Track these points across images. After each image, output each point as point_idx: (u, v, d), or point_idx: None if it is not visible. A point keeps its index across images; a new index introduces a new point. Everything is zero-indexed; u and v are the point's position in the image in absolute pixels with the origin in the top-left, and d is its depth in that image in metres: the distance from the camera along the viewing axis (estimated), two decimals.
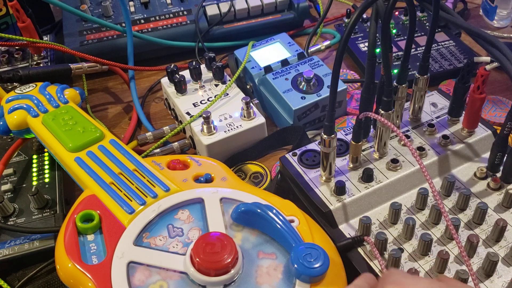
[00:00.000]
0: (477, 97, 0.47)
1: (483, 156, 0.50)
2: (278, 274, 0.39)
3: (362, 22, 0.79)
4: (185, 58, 0.78)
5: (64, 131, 0.53)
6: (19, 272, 0.49)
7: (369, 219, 0.43)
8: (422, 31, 0.75)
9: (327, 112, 0.42)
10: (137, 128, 0.67)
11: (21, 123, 0.56)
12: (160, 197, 0.45)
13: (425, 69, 0.48)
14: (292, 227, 0.41)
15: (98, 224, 0.43)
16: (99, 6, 0.78)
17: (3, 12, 0.76)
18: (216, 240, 0.39)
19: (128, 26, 0.72)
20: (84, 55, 0.69)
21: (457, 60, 0.69)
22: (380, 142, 0.48)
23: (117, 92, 0.74)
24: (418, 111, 0.52)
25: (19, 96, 0.59)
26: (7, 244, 0.49)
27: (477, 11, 0.84)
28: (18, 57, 0.73)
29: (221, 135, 0.57)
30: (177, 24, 0.77)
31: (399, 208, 0.44)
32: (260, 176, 0.58)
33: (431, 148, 0.49)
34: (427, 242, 0.42)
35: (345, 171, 0.48)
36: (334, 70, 0.39)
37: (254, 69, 0.65)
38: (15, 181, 0.55)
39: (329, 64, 0.70)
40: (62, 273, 0.40)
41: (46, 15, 0.86)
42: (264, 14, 0.79)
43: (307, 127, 0.62)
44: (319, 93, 0.61)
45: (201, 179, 0.48)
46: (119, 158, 0.49)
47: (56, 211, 0.52)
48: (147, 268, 0.40)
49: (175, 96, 0.63)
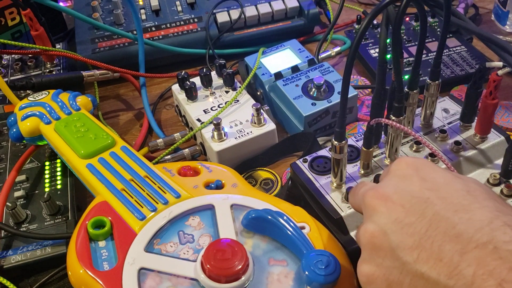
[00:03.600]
0: (490, 102, 0.47)
1: (496, 162, 0.49)
2: (289, 281, 0.39)
3: (373, 28, 0.79)
4: (195, 65, 0.78)
5: (76, 138, 0.53)
6: (31, 278, 0.49)
7: None
8: (433, 37, 0.75)
9: (338, 118, 0.41)
10: (148, 135, 0.68)
11: (34, 130, 0.57)
12: (171, 203, 0.45)
13: (437, 74, 0.48)
14: (303, 234, 0.41)
15: (110, 230, 0.43)
16: (110, 14, 0.79)
17: (17, 20, 0.77)
18: (226, 246, 0.39)
19: (140, 33, 0.72)
20: (96, 62, 0.69)
21: (469, 66, 0.69)
22: (392, 148, 0.48)
23: (129, 99, 0.74)
24: (430, 117, 0.52)
25: (32, 104, 0.60)
26: (19, 250, 0.49)
27: (488, 16, 0.83)
28: (31, 65, 0.73)
29: (232, 141, 0.57)
30: (188, 31, 0.77)
31: None
32: (270, 183, 0.58)
33: (443, 155, 0.49)
34: None
35: (356, 177, 0.48)
36: (344, 76, 0.39)
37: (264, 75, 0.65)
38: (28, 188, 0.56)
39: (340, 70, 0.70)
40: (73, 279, 0.41)
41: (58, 23, 0.87)
42: (274, 21, 0.79)
43: (318, 134, 0.62)
44: (329, 99, 0.60)
45: (211, 185, 0.48)
46: (131, 165, 0.50)
47: (68, 217, 0.52)
48: (158, 275, 0.40)
49: (185, 103, 0.63)
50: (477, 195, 0.31)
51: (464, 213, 0.29)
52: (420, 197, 0.32)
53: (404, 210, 0.32)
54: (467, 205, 0.30)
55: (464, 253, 0.27)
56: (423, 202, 0.31)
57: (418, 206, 0.31)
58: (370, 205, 0.34)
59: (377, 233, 0.32)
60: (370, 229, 0.33)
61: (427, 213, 0.30)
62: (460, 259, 0.27)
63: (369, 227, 0.33)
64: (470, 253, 0.27)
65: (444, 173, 0.34)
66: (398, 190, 0.33)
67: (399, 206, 0.32)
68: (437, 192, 0.32)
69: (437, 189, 0.32)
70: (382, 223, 0.32)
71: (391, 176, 0.35)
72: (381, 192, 0.34)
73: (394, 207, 0.32)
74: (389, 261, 0.31)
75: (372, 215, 0.34)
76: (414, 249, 0.29)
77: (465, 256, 0.27)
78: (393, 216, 0.32)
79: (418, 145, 0.50)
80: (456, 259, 0.27)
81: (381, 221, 0.32)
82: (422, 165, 0.35)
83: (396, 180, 0.34)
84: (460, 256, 0.27)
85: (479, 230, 0.28)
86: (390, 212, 0.32)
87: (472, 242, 0.27)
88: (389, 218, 0.32)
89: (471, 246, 0.27)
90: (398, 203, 0.32)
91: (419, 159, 0.36)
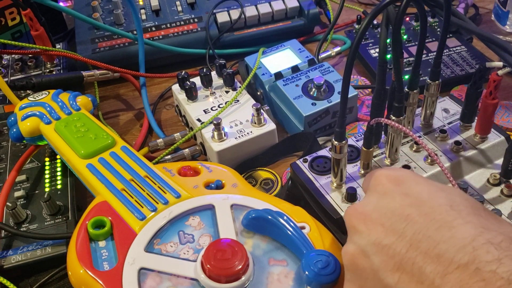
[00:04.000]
0: (490, 102, 0.47)
1: (496, 162, 0.49)
2: (289, 281, 0.39)
3: (373, 28, 0.79)
4: (196, 65, 0.78)
5: (76, 138, 0.53)
6: (31, 278, 0.49)
7: None
8: (433, 37, 0.75)
9: (338, 118, 0.41)
10: (148, 135, 0.68)
11: (34, 130, 0.57)
12: (171, 203, 0.45)
13: (437, 74, 0.48)
14: (303, 234, 0.41)
15: (110, 230, 0.43)
16: (111, 14, 0.79)
17: (17, 20, 0.77)
18: (227, 246, 0.39)
19: (140, 33, 0.72)
20: (96, 62, 0.69)
21: (469, 66, 0.69)
22: (392, 148, 0.48)
23: (129, 99, 0.74)
24: (430, 117, 0.52)
25: (32, 104, 0.60)
26: (19, 250, 0.49)
27: (488, 16, 0.83)
28: (31, 65, 0.73)
29: (232, 141, 0.57)
30: (188, 31, 0.77)
31: None
32: (270, 183, 0.58)
33: (443, 154, 0.49)
34: None
35: (356, 177, 0.48)
36: (344, 76, 0.39)
37: (264, 75, 0.65)
38: (28, 188, 0.56)
39: (340, 70, 0.70)
40: (73, 279, 0.41)
41: (58, 23, 0.87)
42: (275, 21, 0.79)
43: (318, 133, 0.62)
44: (329, 99, 0.60)
45: (211, 185, 0.48)
46: (131, 165, 0.50)
47: (68, 217, 0.52)
48: (158, 275, 0.40)
49: (186, 103, 0.63)
50: (461, 210, 0.29)
51: (446, 231, 0.28)
52: (400, 215, 0.30)
53: (384, 230, 0.30)
54: (450, 221, 0.28)
55: (445, 275, 0.26)
56: (404, 220, 0.30)
57: (398, 225, 0.30)
58: (350, 225, 0.33)
59: (358, 254, 0.31)
60: (351, 250, 0.32)
61: (407, 232, 0.29)
62: (441, 282, 0.26)
63: (350, 248, 0.32)
64: (452, 275, 0.26)
65: (428, 185, 0.32)
66: (378, 208, 0.32)
67: (379, 225, 0.31)
68: (419, 208, 0.30)
69: (419, 204, 0.30)
70: (363, 244, 0.31)
71: (371, 192, 0.34)
72: (360, 211, 0.33)
73: (374, 226, 0.31)
74: (371, 283, 0.30)
75: (352, 235, 0.32)
76: (395, 271, 0.29)
77: (447, 279, 0.26)
78: (373, 236, 0.31)
79: (418, 145, 0.50)
80: (437, 282, 0.26)
81: (361, 241, 0.31)
82: (404, 178, 0.33)
83: (376, 196, 0.33)
84: (441, 279, 0.26)
85: (461, 249, 0.27)
86: (369, 231, 0.31)
87: (453, 263, 0.26)
88: (368, 239, 0.31)
89: (452, 267, 0.26)
90: (378, 222, 0.31)
91: (401, 171, 0.34)
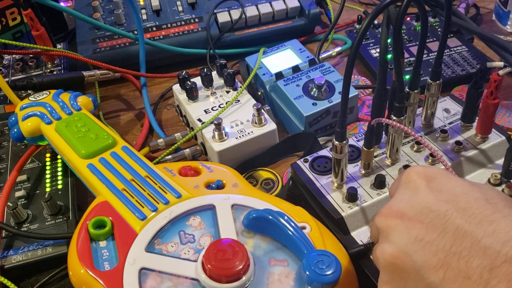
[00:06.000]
0: (491, 102, 0.47)
1: (497, 162, 0.49)
2: (289, 281, 0.39)
3: (374, 28, 0.79)
4: (196, 65, 0.78)
5: (77, 138, 0.53)
6: (32, 278, 0.49)
7: None
8: (434, 37, 0.75)
9: (338, 118, 0.41)
10: (149, 135, 0.68)
11: (34, 130, 0.57)
12: (171, 203, 0.45)
13: (438, 74, 0.48)
14: (304, 234, 0.41)
15: (111, 230, 0.43)
16: (111, 14, 0.79)
17: (18, 20, 0.77)
18: (227, 246, 0.39)
19: (140, 33, 0.72)
20: (97, 62, 0.69)
21: (470, 66, 0.69)
22: (392, 148, 0.48)
23: (129, 99, 0.74)
24: (431, 117, 0.52)
25: (33, 104, 0.60)
26: (20, 250, 0.49)
27: (489, 16, 0.83)
28: (32, 65, 0.73)
29: (233, 141, 0.57)
30: (189, 31, 0.77)
31: None
32: (271, 183, 0.58)
33: (444, 155, 0.49)
34: None
35: (357, 177, 0.48)
36: (345, 76, 0.39)
37: (265, 75, 0.65)
38: (29, 188, 0.56)
39: (341, 70, 0.70)
40: (74, 279, 0.41)
41: (59, 23, 0.87)
42: (275, 21, 0.79)
43: (319, 134, 0.62)
44: (330, 99, 0.60)
45: (212, 185, 0.48)
46: (131, 165, 0.50)
47: (69, 217, 0.52)
48: (158, 275, 0.40)
49: (186, 103, 0.63)
50: (497, 203, 0.29)
51: (488, 225, 0.28)
52: (438, 211, 0.30)
53: (423, 227, 0.30)
54: (489, 215, 0.28)
55: (493, 268, 0.26)
56: (443, 216, 0.29)
57: (438, 221, 0.29)
58: (385, 224, 0.32)
59: (397, 253, 0.30)
60: (389, 250, 0.31)
61: (448, 228, 0.28)
62: (489, 276, 0.26)
63: (388, 248, 0.31)
64: (500, 268, 0.26)
65: (459, 181, 0.32)
66: (413, 204, 0.31)
67: (418, 223, 0.30)
68: (456, 203, 0.30)
69: (454, 199, 0.30)
70: (402, 243, 0.30)
71: (402, 190, 0.33)
72: (395, 209, 0.32)
73: (412, 224, 0.30)
74: (413, 282, 0.29)
75: (389, 234, 0.31)
76: (439, 268, 0.28)
77: (495, 272, 0.26)
78: (413, 234, 0.30)
79: (419, 145, 0.50)
80: (485, 276, 0.26)
81: (400, 240, 0.30)
82: (435, 174, 0.33)
83: (408, 193, 0.32)
84: (489, 272, 0.26)
85: (506, 242, 0.26)
86: (408, 230, 0.30)
87: (500, 256, 0.26)
88: (408, 237, 0.30)
89: (499, 260, 0.26)
90: (416, 219, 0.30)
91: (430, 168, 0.34)
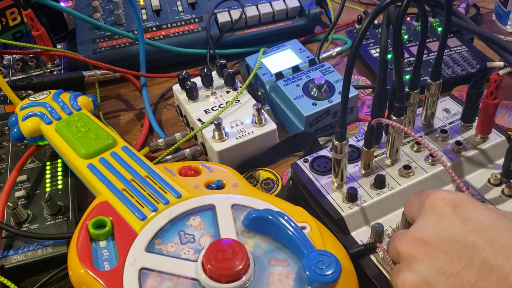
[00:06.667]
0: (491, 102, 0.47)
1: (497, 162, 0.49)
2: (289, 281, 0.39)
3: (374, 28, 0.79)
4: (196, 65, 0.78)
5: (77, 138, 0.53)
6: (32, 278, 0.49)
7: (382, 226, 0.43)
8: (434, 37, 0.75)
9: (338, 118, 0.41)
10: (149, 135, 0.68)
11: (35, 130, 0.57)
12: (171, 203, 0.45)
13: (438, 74, 0.48)
14: (304, 234, 0.41)
15: (111, 230, 0.43)
16: (111, 14, 0.79)
17: (18, 21, 0.77)
18: (227, 246, 0.39)
19: (140, 33, 0.72)
20: (97, 62, 0.69)
21: (470, 66, 0.69)
22: (392, 148, 0.48)
23: (129, 99, 0.74)
24: (431, 117, 0.52)
25: (33, 104, 0.60)
26: (20, 250, 0.49)
27: (489, 16, 0.83)
28: (32, 65, 0.74)
29: (233, 141, 0.57)
30: (189, 31, 0.77)
31: None
32: (271, 183, 0.58)
33: (444, 155, 0.49)
34: None
35: (357, 177, 0.48)
36: (345, 76, 0.39)
37: (265, 75, 0.65)
38: (29, 188, 0.56)
39: (341, 70, 0.70)
40: (74, 279, 0.41)
41: (59, 23, 0.88)
42: (275, 21, 0.79)
43: (319, 134, 0.62)
44: (330, 99, 0.60)
45: (212, 185, 0.48)
46: (131, 165, 0.50)
47: (69, 217, 0.52)
48: (158, 275, 0.40)
49: (186, 103, 0.63)
50: None
51: None
52: (464, 242, 0.29)
53: (448, 258, 0.29)
54: None
55: None
56: (469, 247, 0.28)
57: (464, 253, 0.28)
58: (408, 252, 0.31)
59: (420, 284, 0.29)
60: (411, 279, 0.30)
61: (474, 261, 0.27)
62: None
63: (410, 277, 0.30)
64: None
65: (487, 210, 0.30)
66: (438, 233, 0.30)
67: (442, 253, 0.29)
68: (483, 234, 0.28)
69: (482, 230, 0.29)
70: (425, 273, 0.29)
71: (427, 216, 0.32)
72: (419, 237, 0.31)
73: (436, 253, 0.29)
74: None
75: (411, 263, 0.30)
76: None
77: None
78: (437, 265, 0.29)
79: (418, 145, 0.50)
80: None
81: (423, 270, 0.29)
82: (462, 202, 0.31)
83: (433, 220, 0.31)
84: None
85: None
86: (432, 260, 0.29)
87: None
88: (432, 268, 0.29)
89: None
90: (440, 249, 0.29)
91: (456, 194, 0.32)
